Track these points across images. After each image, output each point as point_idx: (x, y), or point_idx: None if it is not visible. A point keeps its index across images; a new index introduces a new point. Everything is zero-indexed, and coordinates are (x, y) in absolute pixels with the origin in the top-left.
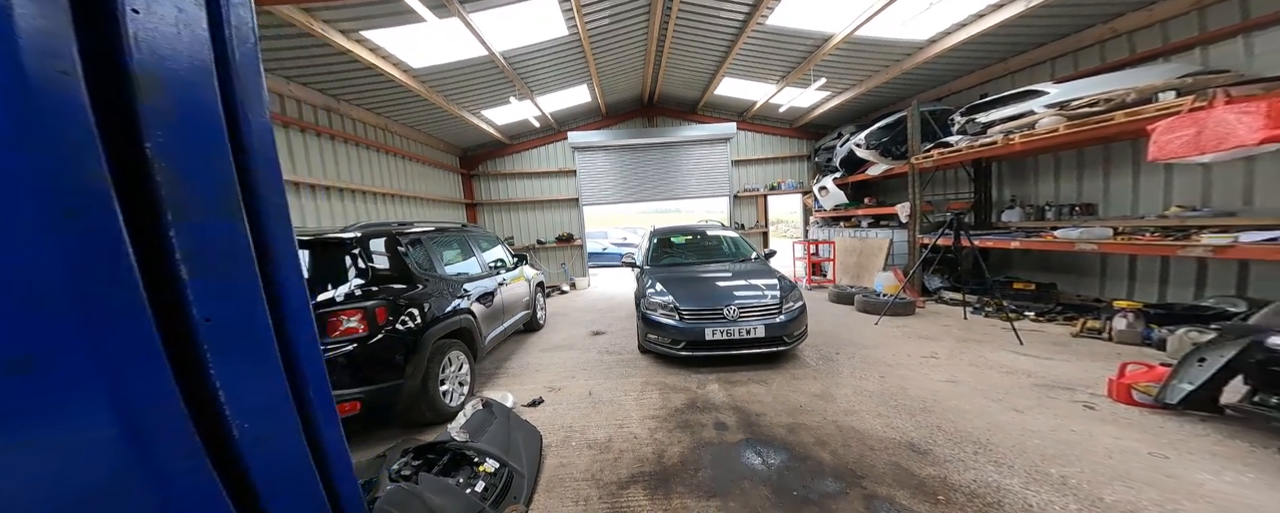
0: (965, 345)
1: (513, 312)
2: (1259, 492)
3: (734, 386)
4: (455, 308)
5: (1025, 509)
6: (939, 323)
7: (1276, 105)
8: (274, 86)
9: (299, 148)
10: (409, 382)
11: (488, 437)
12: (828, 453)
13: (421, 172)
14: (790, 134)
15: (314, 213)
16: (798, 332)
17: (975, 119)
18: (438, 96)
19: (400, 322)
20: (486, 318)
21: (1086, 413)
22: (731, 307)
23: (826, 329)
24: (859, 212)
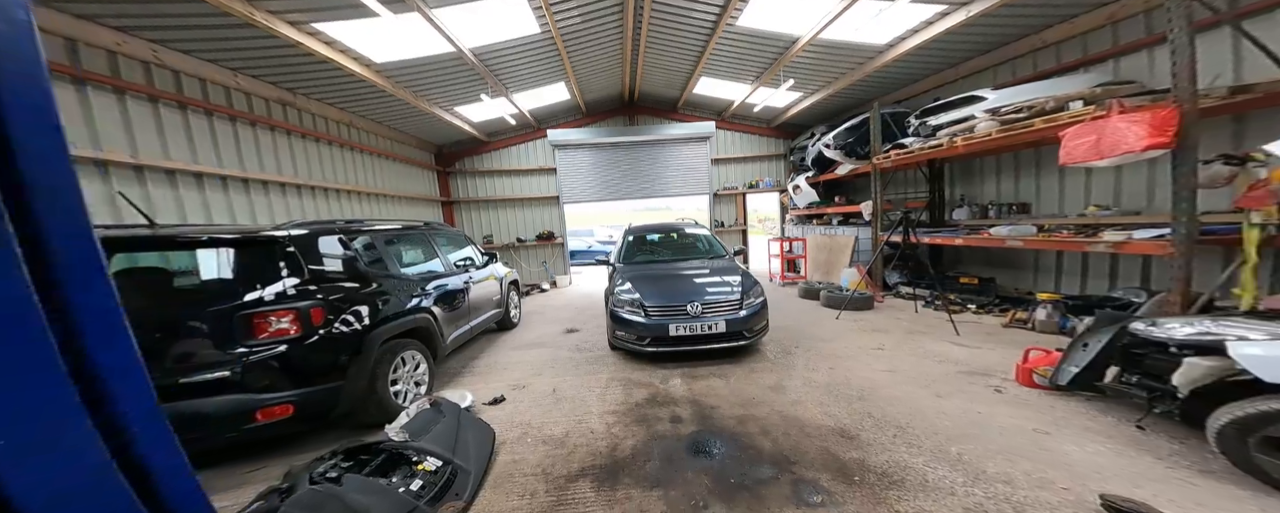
0: (910, 337)
1: (481, 311)
2: (1109, 459)
3: (696, 380)
4: (410, 307)
5: (922, 484)
6: (893, 316)
7: (1159, 116)
8: (218, 78)
9: (248, 143)
10: (352, 383)
11: (432, 436)
12: (769, 442)
13: (392, 168)
14: (767, 133)
15: (266, 210)
16: (758, 326)
17: (927, 122)
18: (405, 92)
19: (341, 322)
20: (449, 318)
21: (995, 396)
22: (695, 303)
23: (791, 324)
24: (829, 210)
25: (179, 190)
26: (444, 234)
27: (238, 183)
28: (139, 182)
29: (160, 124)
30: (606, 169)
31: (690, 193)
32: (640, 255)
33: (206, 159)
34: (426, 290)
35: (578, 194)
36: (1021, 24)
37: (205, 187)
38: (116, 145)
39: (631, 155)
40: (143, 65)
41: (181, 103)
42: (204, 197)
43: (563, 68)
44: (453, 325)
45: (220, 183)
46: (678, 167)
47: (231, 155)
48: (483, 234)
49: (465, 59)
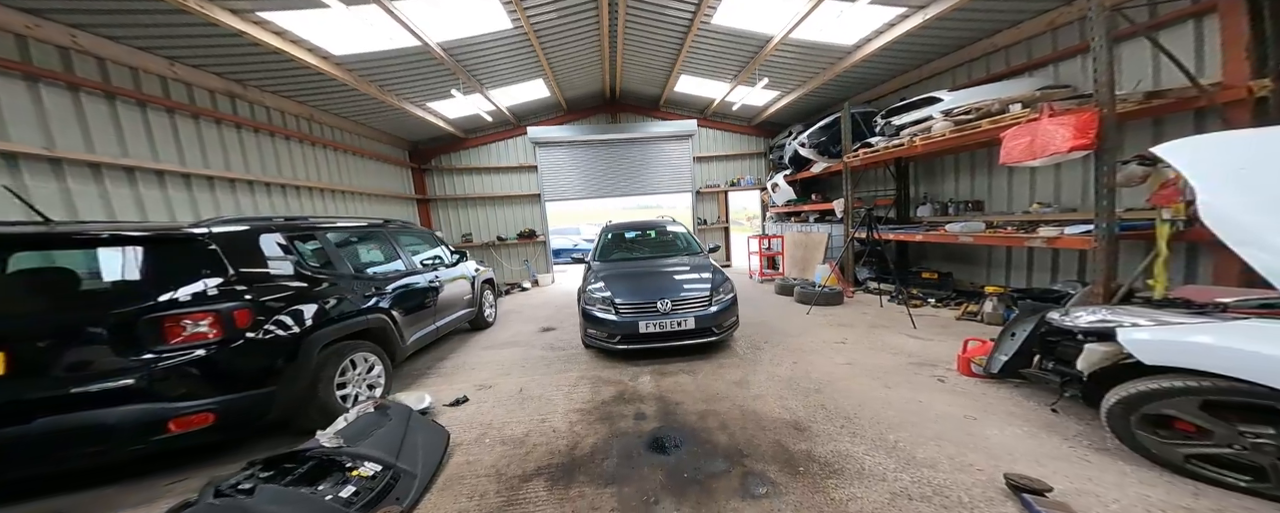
0: (872, 331)
1: (450, 311)
2: (1023, 441)
3: (664, 376)
4: (362, 309)
5: (858, 472)
6: (859, 311)
7: (1082, 119)
8: (152, 67)
9: (190, 137)
10: (287, 389)
11: (372, 440)
12: (726, 436)
13: (361, 165)
14: (748, 132)
15: (211, 208)
16: (727, 322)
17: (891, 122)
18: (371, 87)
19: (274, 324)
20: (411, 319)
21: (937, 385)
22: (665, 300)
23: (764, 320)
24: (806, 207)
25: (105, 186)
26: (410, 233)
27: (177, 178)
28: (56, 176)
29: (82, 114)
30: (589, 167)
31: (673, 191)
32: (617, 253)
33: (139, 153)
34: (383, 291)
35: (560, 192)
36: (974, 28)
37: (137, 182)
38: (27, 138)
39: (614, 153)
40: (59, 51)
41: (108, 92)
42: (136, 193)
43: (540, 64)
44: (415, 326)
45: (155, 178)
46: (660, 164)
47: (170, 149)
48: (461, 232)
49: (433, 53)
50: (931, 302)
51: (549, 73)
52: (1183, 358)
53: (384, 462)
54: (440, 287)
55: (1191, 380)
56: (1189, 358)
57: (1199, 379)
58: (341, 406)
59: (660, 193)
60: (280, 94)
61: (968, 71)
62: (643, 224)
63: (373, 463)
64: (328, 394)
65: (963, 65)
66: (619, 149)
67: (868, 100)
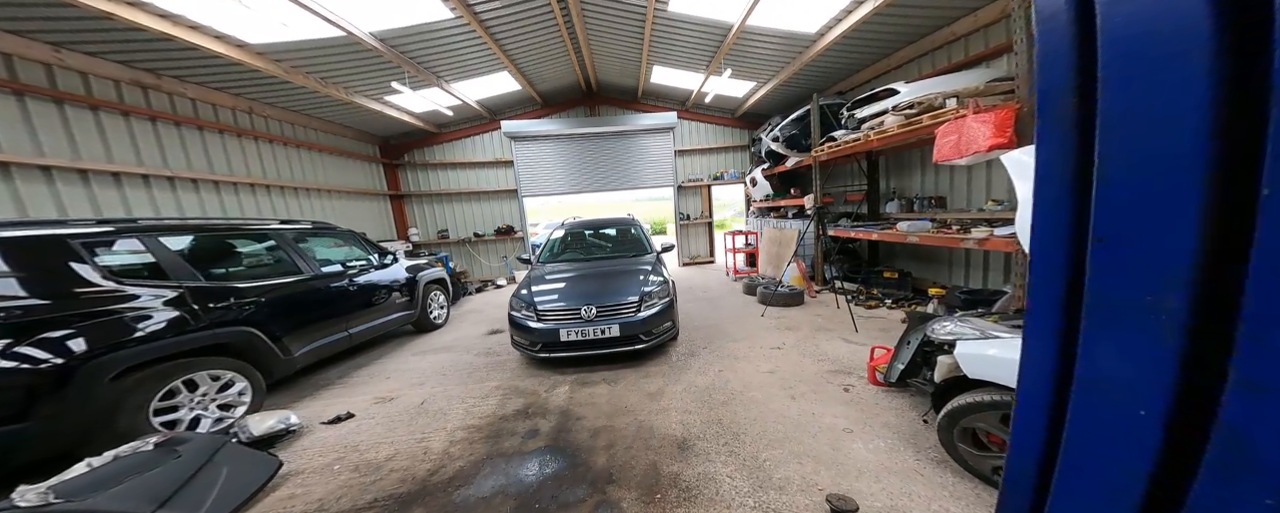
0: (815, 335)
1: (371, 316)
2: (879, 456)
3: (584, 387)
4: (206, 322)
5: (713, 497)
6: (813, 313)
7: (1000, 116)
8: (31, 53)
9: (87, 129)
10: (52, 424)
11: (124, 488)
12: (606, 458)
13: (319, 160)
14: (731, 124)
15: (117, 205)
16: (659, 330)
17: (854, 114)
18: (309, 79)
19: (16, 355)
20: (306, 328)
21: (840, 396)
22: (589, 307)
23: (716, 322)
24: (782, 203)
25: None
26: (325, 236)
27: (70, 174)
28: None
29: None
30: (568, 162)
31: (654, 185)
32: (567, 253)
33: (17, 148)
34: (250, 300)
35: (538, 187)
36: (933, 15)
37: (14, 178)
38: None
39: (593, 147)
40: None
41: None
42: (13, 189)
43: (496, 56)
44: (310, 337)
45: (41, 174)
46: (641, 158)
47: (59, 142)
48: (437, 229)
49: (365, 44)
50: (888, 303)
51: (510, 64)
52: (986, 371)
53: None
54: (354, 292)
55: (997, 394)
56: (989, 371)
57: (1002, 393)
58: (158, 434)
59: (641, 187)
60: (206, 86)
61: (931, 61)
62: (602, 222)
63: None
64: (136, 423)
65: (927, 55)
66: (598, 143)
67: (841, 91)
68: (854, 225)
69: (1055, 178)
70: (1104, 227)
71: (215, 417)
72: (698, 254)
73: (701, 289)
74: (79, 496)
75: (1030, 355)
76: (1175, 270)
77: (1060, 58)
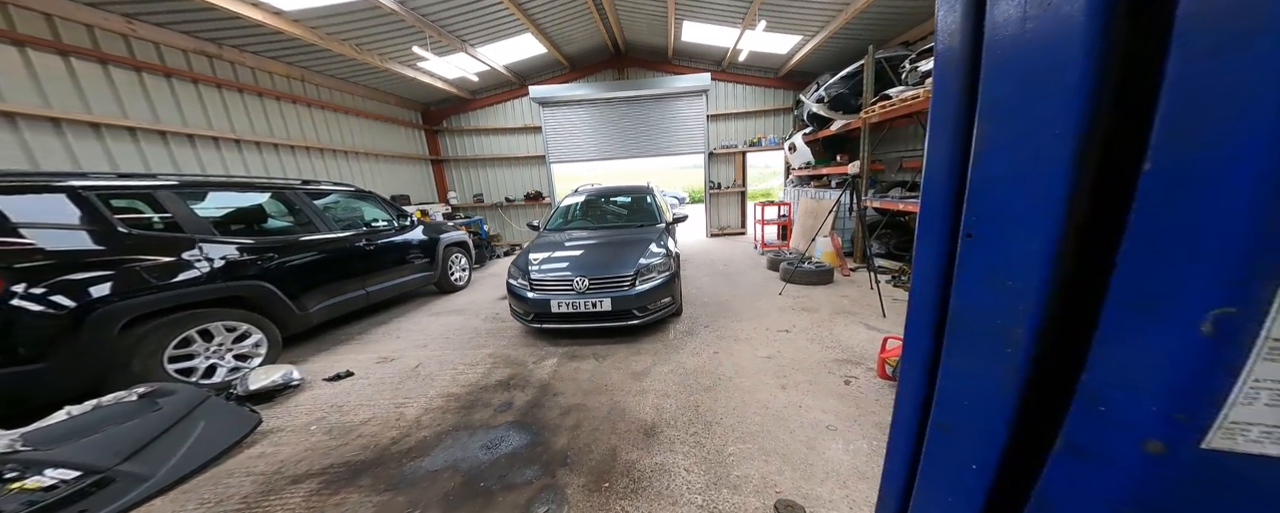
0: (832, 318)
1: (388, 276)
2: (853, 459)
3: (571, 361)
4: (214, 273)
5: (661, 491)
6: (841, 293)
7: None
8: (108, 24)
9: (163, 95)
10: (64, 365)
11: (96, 438)
12: (568, 438)
13: (365, 126)
14: (773, 84)
15: (194, 165)
16: (655, 305)
17: (918, 67)
18: (344, 45)
19: (33, 294)
20: (323, 286)
21: (837, 389)
22: (582, 279)
23: (728, 299)
24: (825, 171)
25: (67, 139)
26: (329, 193)
27: (152, 135)
28: (11, 128)
29: (32, 70)
30: (595, 127)
31: (685, 151)
32: (574, 222)
33: (104, 109)
34: (269, 256)
35: (566, 153)
36: None
37: (104, 137)
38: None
39: (621, 112)
40: None
41: (61, 50)
42: (104, 146)
43: (516, 16)
44: (326, 294)
45: (127, 134)
46: (671, 123)
47: (139, 107)
48: (473, 193)
49: (383, 6)
50: None
51: (531, 24)
52: None
53: (85, 466)
54: (372, 253)
55: None
56: None
57: None
58: (176, 381)
59: (671, 154)
60: (262, 55)
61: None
62: (617, 190)
63: (62, 470)
64: (152, 369)
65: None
66: (626, 108)
67: (908, 41)
68: (906, 196)
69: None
70: (973, 218)
71: (230, 366)
72: (727, 225)
73: (723, 262)
74: (48, 444)
75: (904, 383)
76: (1027, 274)
77: None
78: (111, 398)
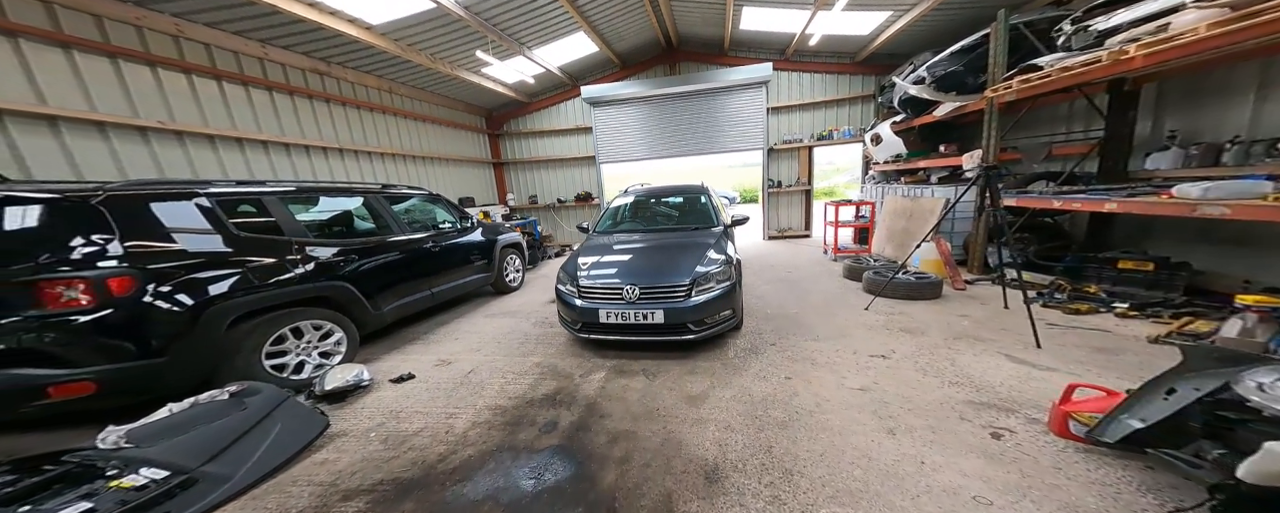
0: (951, 344)
1: (450, 278)
2: None
3: (620, 376)
4: (302, 275)
5: None
6: (957, 311)
7: None
8: (250, 50)
9: (287, 110)
10: (182, 360)
11: (187, 438)
12: (616, 474)
13: (438, 132)
14: (849, 70)
15: (308, 172)
16: (713, 319)
17: (1088, 27)
18: (420, 55)
19: (163, 293)
20: (395, 287)
21: (981, 443)
22: (633, 287)
23: (795, 312)
24: (922, 164)
25: (218, 153)
26: (404, 198)
27: (278, 148)
28: (179, 145)
29: (196, 93)
30: (646, 126)
31: (741, 147)
32: (626, 223)
33: (246, 124)
34: (351, 258)
35: (616, 153)
36: None
37: (245, 150)
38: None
39: (672, 109)
40: (173, 39)
41: (217, 75)
42: (245, 157)
43: (571, 15)
44: (399, 294)
45: (261, 147)
46: (726, 119)
47: (271, 122)
48: (528, 194)
49: (451, 12)
50: (1121, 307)
51: (583, 22)
52: None
53: (173, 466)
54: (437, 254)
55: None
56: None
57: None
58: (271, 377)
59: (725, 151)
60: (360, 70)
61: None
62: (669, 190)
63: (154, 469)
64: (252, 365)
65: None
66: (678, 104)
67: (1059, 0)
68: (1061, 191)
69: None
70: None
71: (315, 362)
72: (788, 227)
73: (786, 268)
74: (149, 441)
75: None
76: None
77: None
78: (207, 396)
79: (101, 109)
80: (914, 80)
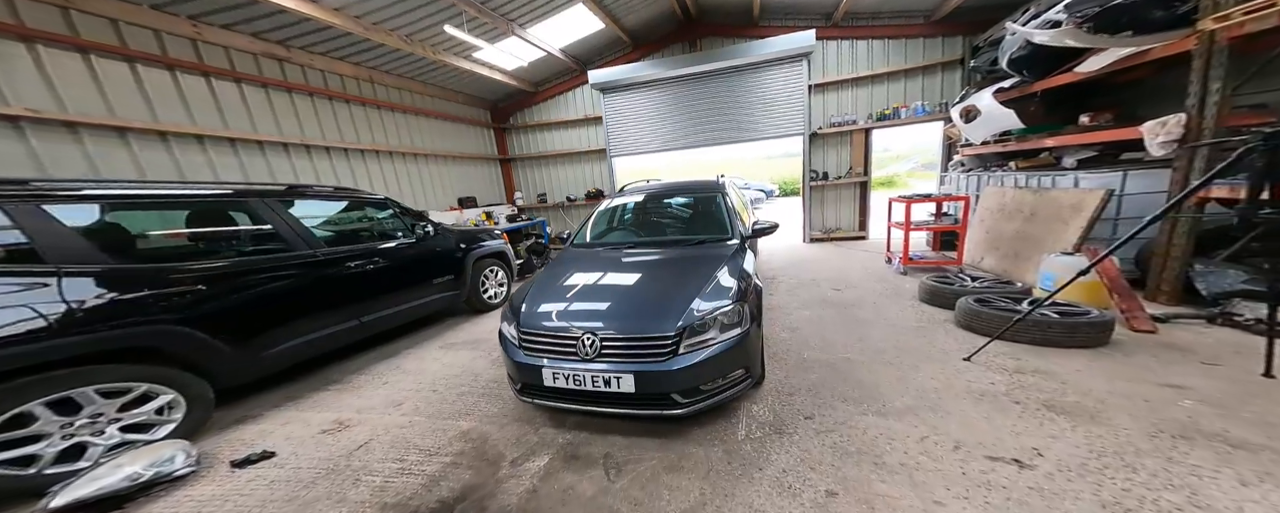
0: (1161, 450)
1: (393, 300)
2: None
3: (569, 467)
4: (88, 319)
5: None
6: (1154, 376)
7: None
8: (178, 29)
9: (231, 100)
10: None
11: None
12: None
13: (433, 127)
14: (922, 32)
15: (265, 173)
16: (713, 385)
17: None
18: (392, 36)
19: None
20: (281, 322)
21: None
22: (592, 336)
23: (848, 357)
24: (1049, 142)
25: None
26: (354, 201)
27: (222, 143)
28: (73, 140)
29: (97, 77)
30: (664, 112)
31: (776, 134)
32: (613, 234)
33: (171, 116)
34: (187, 288)
35: (629, 145)
36: None
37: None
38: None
39: (693, 92)
40: (60, 10)
41: (128, 56)
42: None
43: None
44: (294, 331)
45: (195, 143)
46: (758, 100)
47: (209, 114)
48: (536, 192)
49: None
50: None
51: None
52: None
53: None
54: (371, 274)
55: None
56: None
57: None
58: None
59: (757, 139)
60: (330, 56)
61: None
62: (675, 189)
63: None
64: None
65: None
66: (699, 86)
67: None
68: None
69: None
70: None
71: (115, 441)
72: (836, 227)
73: (834, 284)
74: None
75: None
76: None
77: None
78: None
79: None
80: (1048, 24)
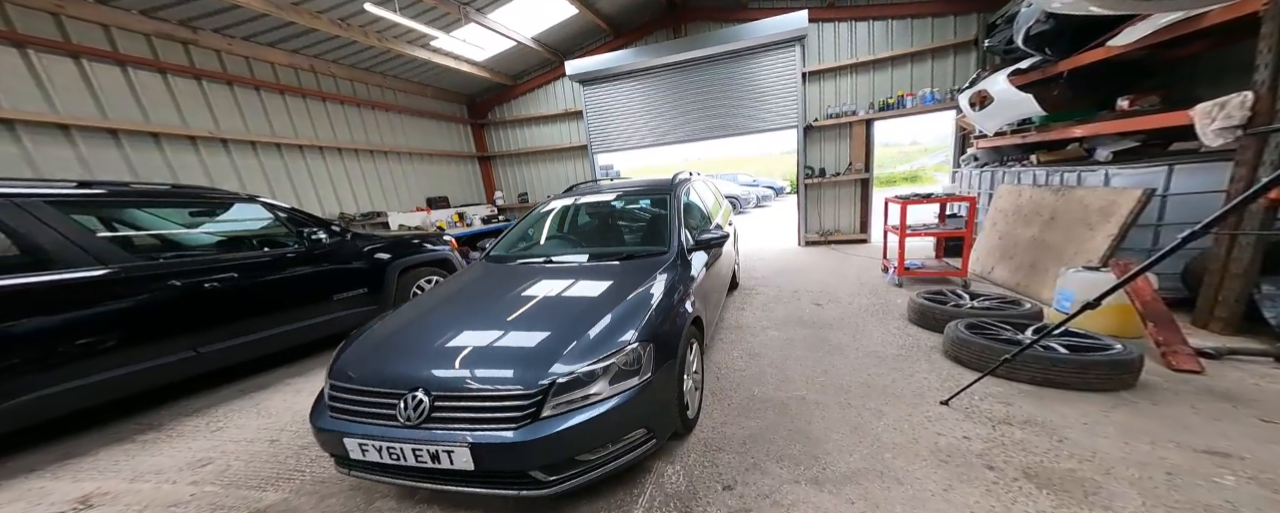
0: None
1: (251, 326)
2: None
3: None
4: None
5: None
6: (1196, 441)
7: None
8: (82, 11)
9: (117, 88)
10: None
11: None
12: None
13: (397, 122)
14: (930, 10)
15: (157, 168)
16: (602, 454)
17: None
18: (320, 20)
19: None
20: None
21: None
22: (419, 392)
23: (804, 396)
24: (1077, 131)
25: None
26: (181, 205)
27: (140, 139)
28: None
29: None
30: (647, 105)
31: (767, 127)
32: (537, 247)
33: (77, 108)
34: None
35: (612, 141)
36: None
37: (67, 139)
38: None
39: (680, 82)
40: None
41: (17, 41)
42: (77, 151)
43: None
44: (59, 377)
45: (109, 137)
46: (749, 90)
47: (83, 103)
48: (517, 192)
49: None
50: None
51: None
52: None
53: None
54: (209, 293)
55: None
56: None
57: None
58: None
59: (748, 133)
60: (254, 41)
61: None
62: (620, 189)
63: None
64: None
65: None
66: (686, 76)
67: None
68: None
69: None
70: None
71: None
72: (834, 229)
73: (816, 297)
74: None
75: None
76: None
77: None
78: None
79: None
80: None
